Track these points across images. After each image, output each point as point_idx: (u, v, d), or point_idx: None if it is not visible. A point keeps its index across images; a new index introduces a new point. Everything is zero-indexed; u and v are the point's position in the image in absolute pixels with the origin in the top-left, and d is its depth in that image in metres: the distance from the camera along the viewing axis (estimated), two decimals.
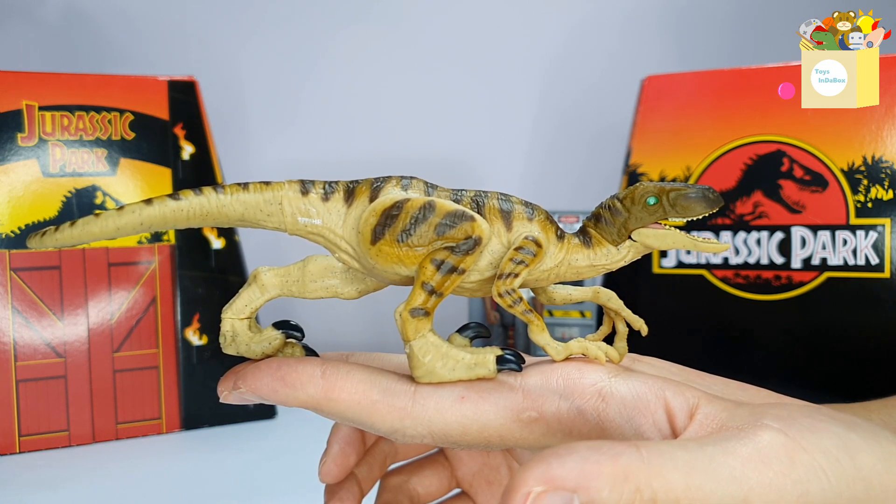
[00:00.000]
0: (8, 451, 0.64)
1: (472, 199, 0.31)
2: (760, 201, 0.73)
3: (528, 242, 0.31)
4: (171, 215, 0.30)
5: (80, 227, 0.30)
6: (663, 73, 0.77)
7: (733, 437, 0.25)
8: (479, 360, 0.31)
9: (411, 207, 0.30)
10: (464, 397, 0.30)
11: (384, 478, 0.40)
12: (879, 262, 0.68)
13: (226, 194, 0.31)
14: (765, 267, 0.72)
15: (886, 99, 0.68)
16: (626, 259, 0.32)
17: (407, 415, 0.30)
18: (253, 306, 0.32)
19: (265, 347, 0.32)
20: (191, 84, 0.73)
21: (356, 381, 0.30)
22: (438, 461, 0.41)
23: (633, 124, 0.77)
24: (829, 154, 0.70)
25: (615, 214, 0.32)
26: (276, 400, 0.31)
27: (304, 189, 0.31)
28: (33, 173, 0.67)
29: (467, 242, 0.30)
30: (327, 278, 0.33)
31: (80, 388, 0.67)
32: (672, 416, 0.29)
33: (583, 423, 0.30)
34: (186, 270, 0.71)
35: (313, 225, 0.31)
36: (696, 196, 0.31)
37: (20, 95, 0.67)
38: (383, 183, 0.31)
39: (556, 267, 0.32)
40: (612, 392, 0.30)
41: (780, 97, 0.59)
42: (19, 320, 0.65)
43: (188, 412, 0.71)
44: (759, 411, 0.27)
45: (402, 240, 0.30)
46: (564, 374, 0.31)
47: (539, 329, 0.31)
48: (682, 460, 0.24)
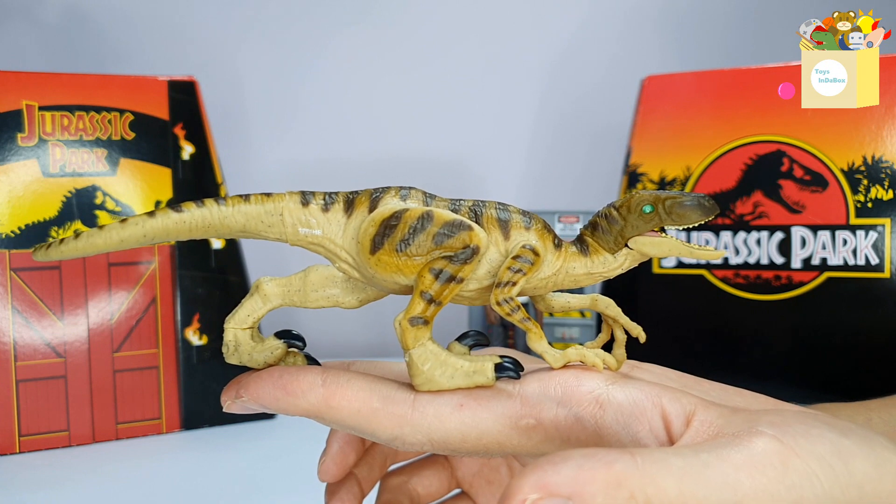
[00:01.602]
0: (8, 451, 0.64)
1: (470, 208, 0.32)
2: (760, 201, 0.73)
3: (525, 251, 0.31)
4: (173, 227, 0.31)
5: (85, 239, 0.31)
6: (663, 73, 0.77)
7: (728, 444, 0.25)
8: (477, 368, 0.31)
9: (410, 217, 0.30)
10: (462, 405, 0.30)
11: (384, 478, 0.41)
12: (879, 262, 0.68)
13: (228, 206, 0.31)
14: (765, 267, 0.72)
15: (886, 99, 0.68)
16: (622, 267, 0.33)
17: (406, 422, 0.30)
18: (255, 316, 0.33)
19: (267, 357, 0.33)
20: (191, 84, 0.73)
21: (357, 389, 0.31)
22: (438, 461, 0.41)
23: (633, 124, 0.77)
24: (829, 154, 0.70)
25: (611, 223, 0.32)
26: (277, 408, 0.31)
27: (304, 200, 0.32)
28: (33, 173, 0.67)
29: (465, 252, 0.30)
30: (328, 288, 0.33)
31: (80, 388, 0.67)
32: (669, 422, 0.29)
33: (580, 430, 0.30)
34: (186, 270, 0.71)
35: (314, 235, 0.32)
36: (692, 204, 0.31)
37: (20, 95, 0.67)
38: (382, 193, 0.32)
39: (554, 275, 0.32)
40: (610, 399, 0.30)
41: (780, 97, 0.59)
42: (19, 320, 0.65)
43: (188, 412, 0.71)
44: (754, 418, 0.27)
45: (401, 249, 0.30)
46: (562, 381, 0.31)
47: (537, 337, 0.31)
48: (677, 467, 0.24)
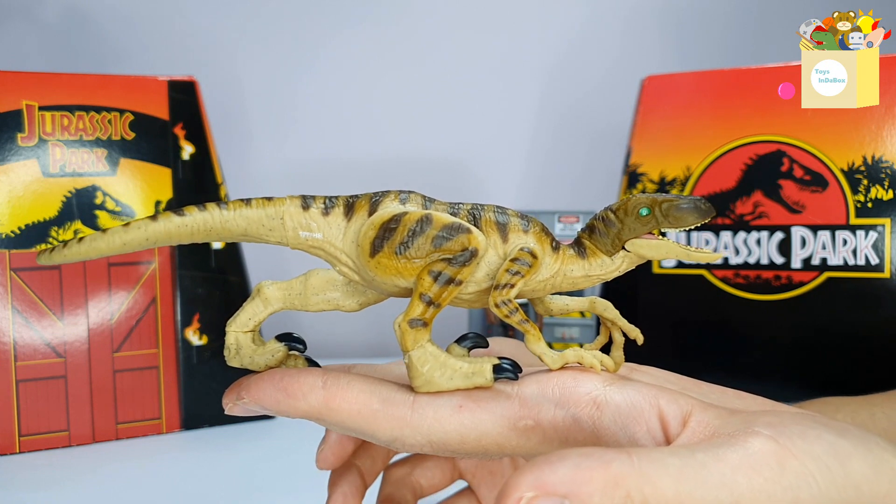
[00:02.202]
0: (8, 451, 0.65)
1: (469, 211, 0.32)
2: (760, 201, 0.73)
3: (523, 254, 0.31)
4: (175, 231, 0.31)
5: (88, 243, 0.31)
6: (663, 73, 0.77)
7: (724, 444, 0.26)
8: (476, 370, 0.31)
9: (409, 220, 0.31)
10: (461, 406, 0.31)
11: (387, 470, 0.41)
12: (879, 262, 0.68)
13: (229, 210, 0.31)
14: (765, 267, 0.72)
15: (886, 99, 0.68)
16: (620, 269, 0.33)
17: (406, 424, 0.30)
18: (256, 320, 0.33)
19: (268, 359, 0.33)
20: (191, 84, 0.73)
21: (357, 391, 0.31)
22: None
23: (633, 124, 0.77)
24: (829, 154, 0.70)
25: (609, 225, 0.32)
26: (278, 410, 0.31)
27: (305, 204, 0.32)
28: (33, 173, 0.67)
29: (464, 254, 0.30)
30: (329, 291, 0.33)
31: (80, 388, 0.67)
32: (666, 423, 0.29)
33: (578, 431, 0.30)
34: (186, 270, 0.71)
35: (314, 239, 0.32)
36: (688, 207, 0.31)
37: (20, 95, 0.67)
38: (382, 197, 0.32)
39: (552, 277, 0.32)
40: (607, 400, 0.30)
41: (780, 97, 0.59)
42: (19, 320, 0.65)
43: (188, 412, 0.71)
44: (750, 418, 0.27)
45: (401, 252, 0.30)
46: (560, 382, 0.31)
47: (535, 339, 0.32)
48: (673, 467, 0.24)
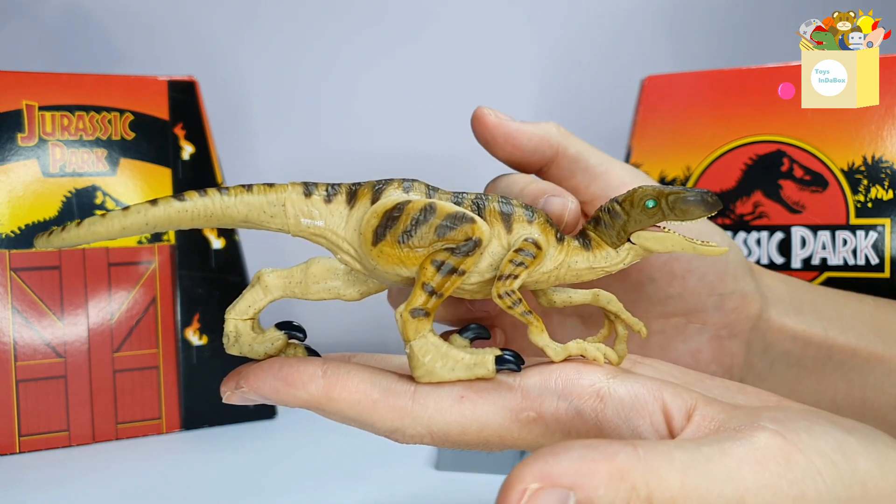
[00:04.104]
0: (8, 451, 0.64)
1: (473, 201, 0.32)
2: (760, 201, 0.73)
3: (527, 244, 0.31)
4: (175, 216, 0.31)
5: (86, 227, 0.31)
6: (663, 73, 0.77)
7: (730, 438, 0.25)
8: (478, 360, 0.31)
9: (412, 209, 0.30)
10: (463, 397, 0.30)
11: None
12: (879, 262, 0.68)
13: (230, 196, 0.31)
14: (765, 267, 0.72)
15: (886, 99, 0.68)
16: (625, 262, 0.33)
17: (407, 414, 0.30)
18: (256, 307, 0.33)
19: (268, 348, 0.32)
20: (191, 84, 0.73)
21: (357, 380, 0.31)
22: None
23: (633, 124, 0.77)
24: (829, 154, 0.70)
25: (614, 217, 0.32)
26: (277, 399, 0.31)
27: (307, 191, 0.32)
28: (33, 173, 0.67)
29: (467, 244, 0.30)
30: (330, 280, 0.33)
31: (80, 388, 0.67)
32: (669, 417, 0.29)
33: (581, 423, 0.30)
34: (186, 270, 0.71)
35: (316, 226, 0.32)
36: (695, 199, 0.31)
37: (20, 95, 0.67)
38: (385, 185, 0.32)
39: (556, 269, 0.32)
40: (610, 393, 0.30)
41: (780, 97, 0.59)
42: (19, 320, 0.65)
43: (188, 412, 0.71)
44: (756, 413, 0.27)
45: (403, 241, 0.30)
46: (563, 374, 0.31)
47: (538, 330, 0.31)
48: (679, 460, 0.24)
